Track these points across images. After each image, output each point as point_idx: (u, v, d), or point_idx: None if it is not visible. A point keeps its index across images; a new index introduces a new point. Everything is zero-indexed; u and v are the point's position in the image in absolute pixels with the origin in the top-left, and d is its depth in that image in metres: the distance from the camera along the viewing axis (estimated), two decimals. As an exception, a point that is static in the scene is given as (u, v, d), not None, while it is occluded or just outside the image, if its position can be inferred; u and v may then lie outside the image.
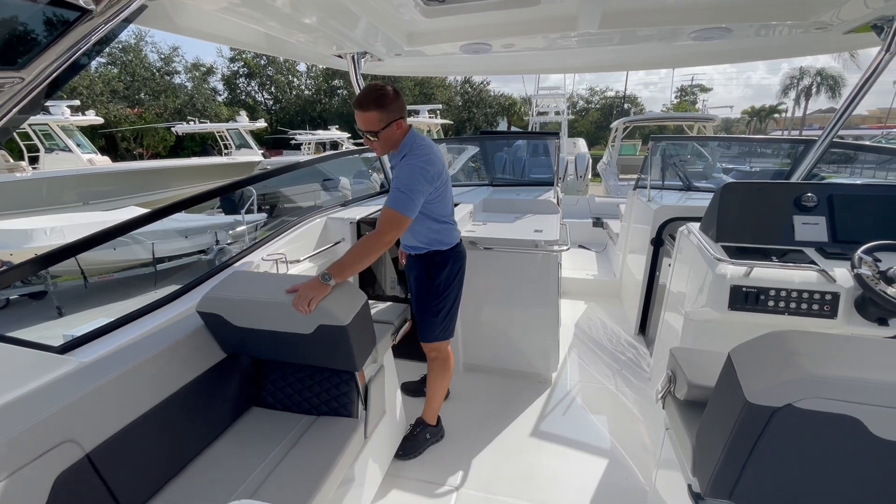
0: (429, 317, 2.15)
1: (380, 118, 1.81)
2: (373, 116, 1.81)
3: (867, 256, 1.81)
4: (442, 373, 2.28)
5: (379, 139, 1.85)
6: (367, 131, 1.84)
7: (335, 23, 2.11)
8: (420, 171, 1.84)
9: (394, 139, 1.90)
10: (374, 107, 1.80)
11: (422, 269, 2.13)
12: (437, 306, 2.14)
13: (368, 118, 1.81)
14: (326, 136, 21.62)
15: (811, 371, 0.92)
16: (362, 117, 1.81)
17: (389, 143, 1.90)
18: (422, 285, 2.14)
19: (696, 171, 9.87)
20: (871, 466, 0.96)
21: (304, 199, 9.51)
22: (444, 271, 2.11)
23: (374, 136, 1.84)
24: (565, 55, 2.90)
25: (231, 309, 1.57)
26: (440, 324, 2.16)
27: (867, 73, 2.20)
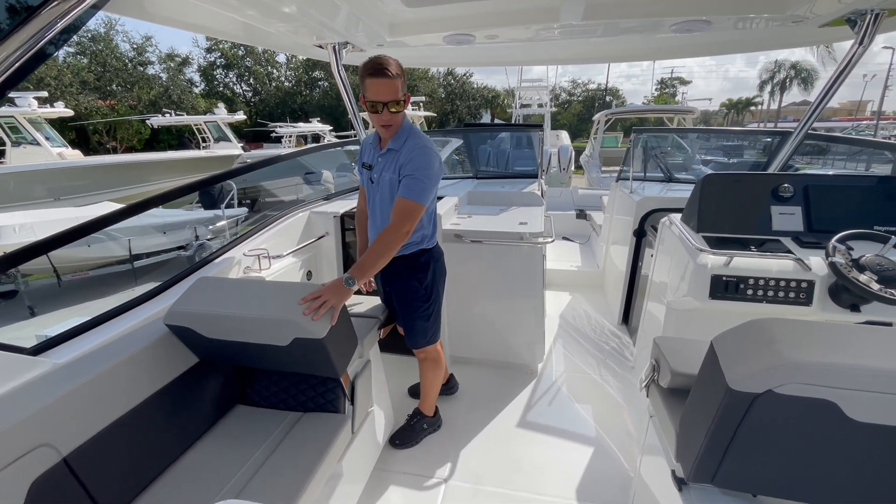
0: (420, 322, 2.05)
1: (402, 88, 1.66)
2: (397, 84, 1.63)
3: (840, 245, 1.87)
4: (435, 369, 2.25)
5: (399, 111, 1.68)
6: (391, 101, 1.64)
7: (315, 12, 2.06)
8: (436, 155, 1.72)
9: (403, 117, 1.75)
10: (400, 73, 1.62)
11: (408, 274, 1.97)
12: (428, 310, 2.03)
13: (393, 86, 1.62)
14: (308, 129, 21.25)
15: (789, 357, 0.94)
16: (387, 85, 1.61)
17: (400, 120, 1.74)
18: (410, 292, 2.00)
19: (677, 162, 10.04)
20: (848, 448, 1.00)
21: (286, 193, 9.35)
22: (429, 272, 2.00)
23: (396, 106, 1.65)
24: (549, 47, 2.90)
25: (200, 322, 1.50)
26: (431, 327, 2.09)
27: (841, 66, 2.26)
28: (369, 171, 1.89)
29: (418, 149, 1.73)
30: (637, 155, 4.08)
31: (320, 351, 1.51)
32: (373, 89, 1.63)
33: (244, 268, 2.30)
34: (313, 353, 1.53)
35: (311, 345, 1.48)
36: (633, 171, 3.83)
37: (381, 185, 1.85)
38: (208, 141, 16.86)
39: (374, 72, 1.60)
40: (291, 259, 2.65)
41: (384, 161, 1.82)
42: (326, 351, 1.51)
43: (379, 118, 1.68)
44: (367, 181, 1.92)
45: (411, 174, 1.69)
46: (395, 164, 1.76)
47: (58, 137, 13.04)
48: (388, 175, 1.80)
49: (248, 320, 1.47)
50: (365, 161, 1.92)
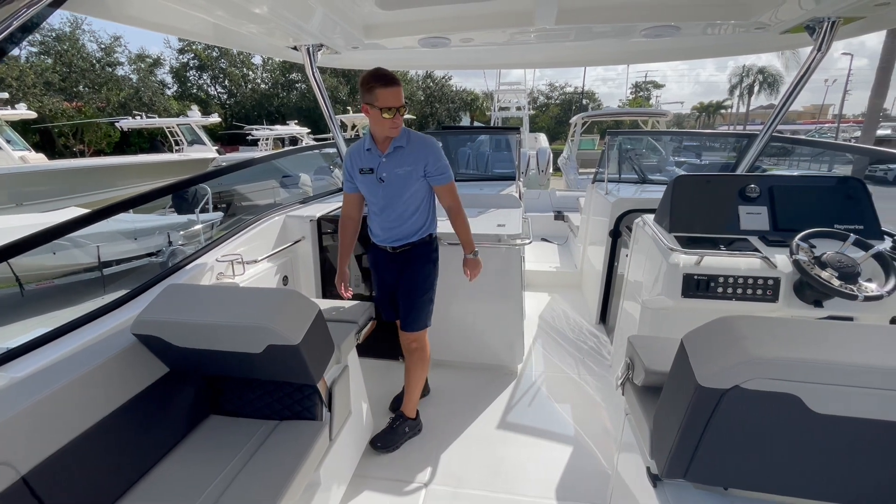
0: (425, 304, 2.21)
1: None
2: (402, 91, 1.89)
3: (803, 243, 1.94)
4: (422, 363, 2.31)
5: (404, 115, 1.92)
6: (401, 106, 1.88)
7: (289, 14, 2.03)
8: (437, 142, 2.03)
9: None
10: (400, 83, 1.88)
11: (424, 258, 2.18)
12: (431, 293, 2.23)
13: (401, 92, 1.87)
14: (285, 132, 20.94)
15: (755, 353, 0.97)
16: (398, 92, 1.85)
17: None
18: (423, 275, 2.19)
19: (651, 164, 10.29)
20: (811, 440, 1.03)
21: (263, 197, 9.18)
22: (436, 255, 2.25)
23: (403, 110, 1.90)
24: (524, 50, 2.93)
25: (169, 330, 1.46)
26: (430, 310, 2.25)
27: (801, 71, 2.35)
28: (371, 174, 2.02)
29: (426, 140, 2.02)
30: (612, 157, 4.16)
31: (295, 357, 1.48)
32: (386, 97, 1.83)
33: (217, 274, 2.25)
34: (288, 360, 1.50)
35: (286, 351, 1.45)
36: (609, 173, 3.90)
37: (393, 182, 2.01)
38: (181, 144, 16.44)
39: (386, 81, 1.82)
40: (267, 264, 2.60)
41: (393, 160, 1.99)
42: (302, 357, 1.48)
43: (392, 122, 1.88)
44: (373, 183, 2.03)
45: (437, 162, 2.01)
46: (411, 158, 1.99)
47: (20, 140, 12.49)
48: (403, 170, 2.00)
49: (219, 328, 1.43)
50: (363, 167, 2.03)
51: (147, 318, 1.47)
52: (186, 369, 1.68)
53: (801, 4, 1.91)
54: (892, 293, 1.75)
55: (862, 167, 4.61)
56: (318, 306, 1.59)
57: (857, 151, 5.75)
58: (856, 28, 2.13)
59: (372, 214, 2.16)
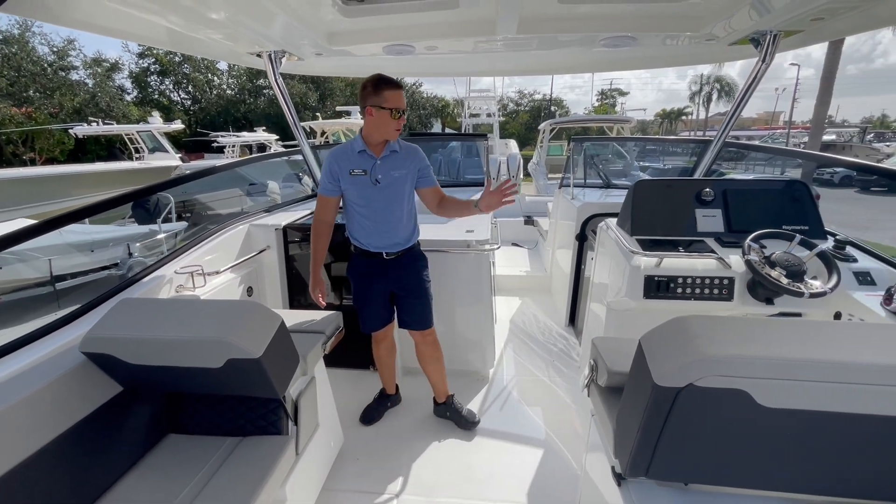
0: (430, 303, 2.27)
1: None
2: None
3: (754, 244, 2.04)
4: (440, 353, 2.42)
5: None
6: (404, 109, 1.95)
7: (249, 20, 1.99)
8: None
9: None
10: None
11: (419, 262, 2.24)
12: (431, 292, 2.29)
13: (404, 96, 1.94)
14: (252, 139, 20.46)
15: (706, 352, 1.00)
16: (402, 96, 1.92)
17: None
18: (421, 278, 2.24)
19: (617, 169, 10.63)
20: (760, 433, 1.08)
21: (229, 206, 8.93)
22: (426, 259, 2.32)
23: (405, 113, 1.98)
24: (490, 58, 2.98)
25: (122, 347, 1.39)
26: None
27: (748, 81, 2.48)
28: (365, 175, 2.03)
29: (413, 146, 2.13)
30: (577, 162, 4.27)
31: (257, 371, 1.44)
32: (396, 98, 1.90)
33: (176, 286, 2.17)
34: (250, 374, 1.45)
35: (247, 365, 1.41)
36: (575, 178, 4.00)
37: (390, 185, 2.05)
38: (142, 152, 15.79)
39: (394, 84, 1.90)
40: (230, 275, 2.53)
41: (388, 163, 2.04)
42: (264, 371, 1.44)
43: (397, 124, 1.95)
44: (366, 185, 2.04)
45: (426, 165, 2.13)
46: (405, 162, 2.07)
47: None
48: (399, 173, 2.06)
49: (176, 343, 1.38)
50: (354, 168, 2.03)
51: (97, 335, 1.40)
52: (142, 387, 1.60)
53: (745, 19, 2.02)
54: (834, 290, 1.86)
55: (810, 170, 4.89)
56: (280, 317, 1.55)
57: (799, 156, 6.12)
58: (796, 41, 2.27)
59: (360, 220, 2.11)
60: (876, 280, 1.96)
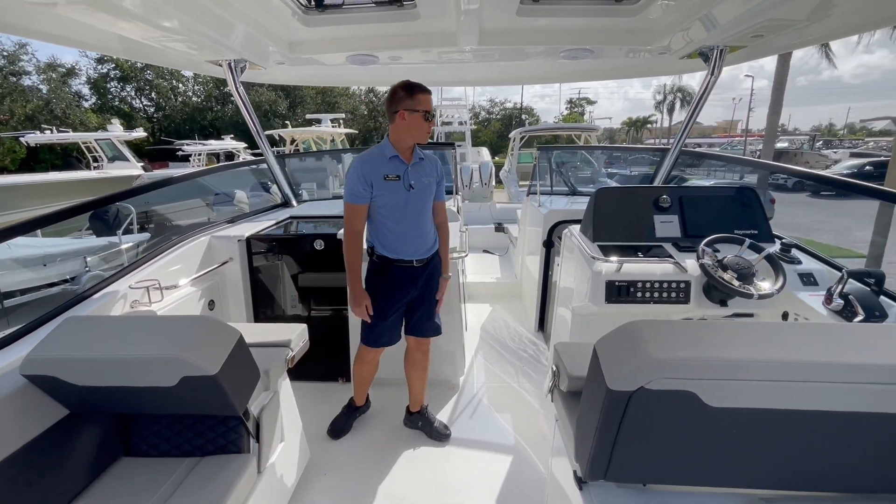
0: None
1: None
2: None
3: (708, 248, 2.13)
4: (428, 359, 2.41)
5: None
6: (433, 113, 1.96)
7: (205, 29, 1.95)
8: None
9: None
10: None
11: (438, 265, 2.23)
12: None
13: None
14: (220, 147, 19.96)
15: (655, 355, 1.04)
16: (431, 100, 1.93)
17: None
18: (438, 281, 2.23)
19: (585, 176, 10.90)
20: (710, 432, 1.11)
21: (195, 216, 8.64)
22: None
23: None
24: (454, 69, 3.01)
25: (67, 368, 1.32)
26: None
27: (699, 92, 2.61)
28: (399, 181, 2.01)
29: (436, 157, 2.13)
30: (544, 170, 4.36)
31: (214, 388, 1.39)
32: (426, 102, 1.92)
33: (131, 302, 2.08)
34: (206, 392, 1.40)
35: (203, 383, 1.36)
36: (542, 186, 4.08)
37: (421, 190, 2.05)
38: (101, 161, 15.14)
39: (424, 88, 1.91)
40: (190, 289, 2.45)
41: (417, 169, 2.04)
42: (221, 388, 1.39)
43: (428, 126, 1.95)
44: (401, 191, 2.00)
45: (443, 179, 2.12)
46: (431, 170, 2.08)
47: None
48: (427, 180, 2.07)
49: (126, 362, 1.32)
50: (389, 174, 2.00)
51: (39, 357, 1.33)
52: (90, 410, 1.52)
53: (693, 34, 2.12)
54: (780, 291, 1.96)
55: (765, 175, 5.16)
56: (238, 332, 1.51)
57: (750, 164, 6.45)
58: (741, 55, 2.40)
59: (392, 226, 2.04)
60: (818, 281, 2.07)
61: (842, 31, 2.01)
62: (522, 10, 1.94)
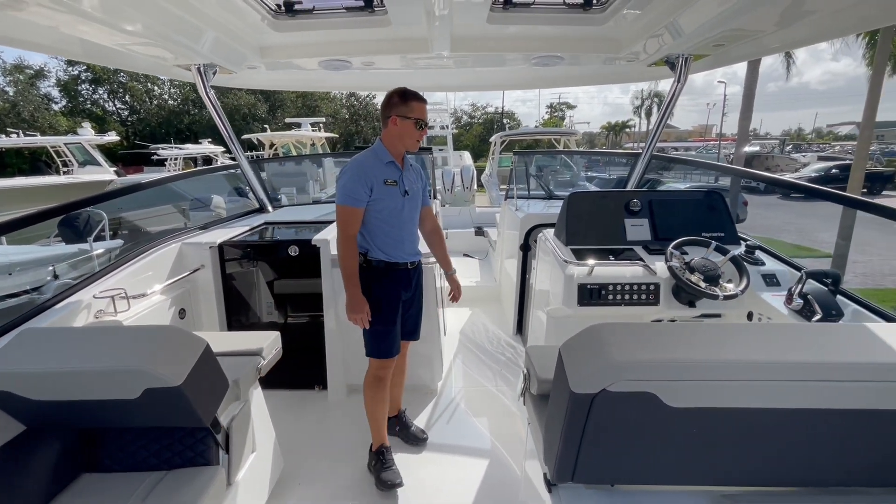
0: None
1: None
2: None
3: (676, 251, 2.18)
4: (406, 362, 2.46)
5: None
6: (427, 123, 1.96)
7: (172, 33, 1.92)
8: None
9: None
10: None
11: (422, 269, 2.24)
12: None
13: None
14: (197, 151, 19.56)
15: (616, 358, 1.06)
16: (426, 110, 1.94)
17: None
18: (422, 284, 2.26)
19: (565, 180, 11.05)
20: (670, 432, 1.14)
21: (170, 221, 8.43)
22: None
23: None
24: (428, 74, 3.03)
25: (23, 383, 1.27)
26: None
27: (667, 99, 2.68)
28: (396, 186, 2.01)
29: (419, 165, 2.16)
30: (520, 175, 4.40)
31: (179, 400, 1.36)
32: (422, 110, 1.93)
33: (95, 312, 2.02)
34: (171, 404, 1.37)
35: (167, 394, 1.33)
36: (521, 190, 4.12)
37: (414, 195, 2.08)
38: (71, 165, 14.68)
39: (420, 97, 1.93)
40: (159, 297, 2.39)
41: (409, 174, 2.06)
42: (186, 399, 1.36)
43: (419, 135, 1.96)
44: (398, 195, 2.01)
45: (429, 185, 2.14)
46: (419, 176, 2.12)
47: None
48: (418, 185, 2.12)
49: (86, 374, 1.28)
50: (388, 178, 2.00)
51: None
52: (49, 425, 1.47)
53: (658, 43, 2.18)
54: (744, 292, 2.02)
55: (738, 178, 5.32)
56: (204, 342, 1.48)
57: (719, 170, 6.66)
58: (705, 63, 2.48)
59: (388, 230, 2.02)
60: (780, 281, 2.14)
61: (798, 41, 2.09)
62: (492, 17, 1.96)
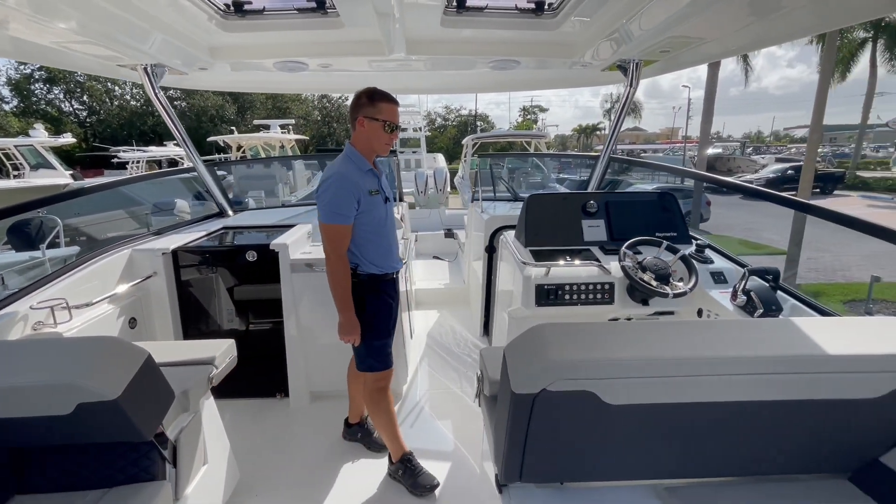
0: None
1: None
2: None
3: (629, 251, 2.24)
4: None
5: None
6: (397, 125, 1.87)
7: (113, 32, 1.84)
8: None
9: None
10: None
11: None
12: None
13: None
14: (161, 153, 18.88)
15: (555, 358, 1.07)
16: (396, 111, 1.86)
17: None
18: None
19: (536, 182, 11.21)
20: (611, 429, 1.17)
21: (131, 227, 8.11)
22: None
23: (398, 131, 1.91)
24: (389, 77, 3.01)
25: None
26: None
27: (621, 102, 2.75)
28: (379, 194, 1.93)
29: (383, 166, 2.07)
30: (486, 177, 4.44)
31: (116, 414, 1.30)
32: (391, 112, 1.83)
33: (33, 324, 1.92)
34: (108, 418, 1.31)
35: (103, 409, 1.27)
36: (487, 192, 4.15)
37: (391, 202, 2.01)
38: (22, 168, 13.93)
39: (390, 98, 1.83)
40: (106, 307, 2.29)
41: (384, 180, 1.98)
42: (124, 413, 1.30)
43: (388, 138, 1.86)
44: (381, 204, 1.94)
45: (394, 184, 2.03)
46: (390, 181, 2.07)
47: None
48: (392, 191, 2.05)
49: (13, 391, 1.21)
50: (372, 188, 1.91)
51: None
52: None
53: (608, 48, 2.24)
54: (693, 289, 2.09)
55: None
56: (146, 352, 1.42)
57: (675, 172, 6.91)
58: (656, 69, 2.56)
59: (376, 240, 1.93)
60: (727, 278, 2.23)
61: (738, 49, 2.19)
62: (446, 20, 1.97)
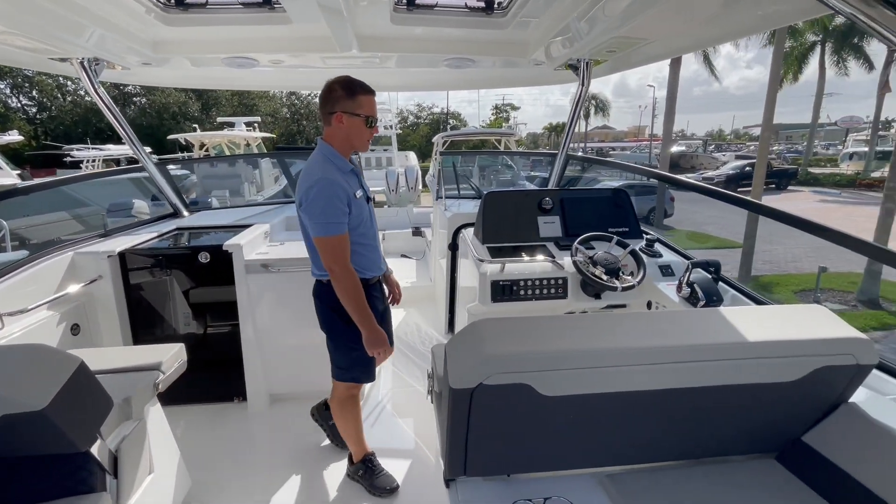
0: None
1: None
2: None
3: (581, 246, 2.29)
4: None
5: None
6: (377, 119, 1.75)
7: (39, 21, 1.74)
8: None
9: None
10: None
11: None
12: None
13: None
14: (119, 152, 18.03)
15: (490, 352, 1.09)
16: (375, 103, 1.73)
17: None
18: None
19: (506, 179, 11.33)
20: (549, 420, 1.19)
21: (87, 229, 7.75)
22: None
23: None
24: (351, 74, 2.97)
25: None
26: None
27: (575, 101, 2.81)
28: (363, 196, 1.82)
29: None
30: (448, 175, 4.46)
31: (44, 425, 1.24)
32: (371, 106, 1.70)
33: None
34: (35, 430, 1.25)
35: (30, 420, 1.21)
36: (451, 190, 4.16)
37: (372, 203, 1.91)
38: (-36, 168, 13.06)
39: (368, 89, 1.69)
40: (45, 313, 2.18)
41: (364, 181, 1.88)
42: (53, 424, 1.24)
43: (370, 134, 1.73)
44: (365, 205, 1.83)
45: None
46: (365, 182, 1.89)
47: None
48: (371, 190, 1.93)
49: None
50: (357, 190, 1.76)
51: None
52: None
53: (558, 48, 2.29)
54: (641, 282, 2.16)
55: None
56: (78, 359, 1.36)
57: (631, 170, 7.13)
58: (605, 68, 2.63)
59: (365, 243, 1.82)
60: (675, 271, 2.31)
61: (681, 49, 2.27)
62: (396, 17, 1.96)
